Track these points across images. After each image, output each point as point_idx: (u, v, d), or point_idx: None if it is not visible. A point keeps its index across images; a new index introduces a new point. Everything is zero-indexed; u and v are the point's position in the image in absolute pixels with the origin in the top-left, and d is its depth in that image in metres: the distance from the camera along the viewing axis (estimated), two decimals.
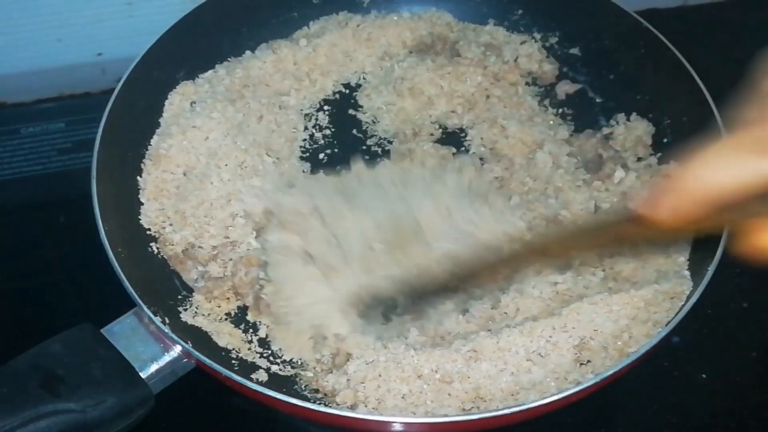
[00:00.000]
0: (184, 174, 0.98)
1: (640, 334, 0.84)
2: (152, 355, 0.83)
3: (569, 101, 1.11)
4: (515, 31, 1.16)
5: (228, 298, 0.91)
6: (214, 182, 0.96)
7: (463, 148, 1.05)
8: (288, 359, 0.87)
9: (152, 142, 1.01)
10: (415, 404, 0.81)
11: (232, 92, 1.06)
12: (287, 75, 1.10)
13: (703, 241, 0.89)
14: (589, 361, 0.83)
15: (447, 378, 0.82)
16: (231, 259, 0.92)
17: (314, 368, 0.86)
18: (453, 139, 1.07)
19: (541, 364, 0.83)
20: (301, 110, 1.09)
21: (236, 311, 0.91)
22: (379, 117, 1.08)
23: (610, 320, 0.85)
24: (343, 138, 1.07)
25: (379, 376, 0.82)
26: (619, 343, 0.84)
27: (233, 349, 0.88)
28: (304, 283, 0.88)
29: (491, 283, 0.87)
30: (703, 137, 0.95)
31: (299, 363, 0.87)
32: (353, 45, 1.13)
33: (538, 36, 1.16)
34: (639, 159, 1.02)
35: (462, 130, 1.07)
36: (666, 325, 0.83)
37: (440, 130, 1.07)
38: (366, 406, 0.81)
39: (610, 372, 0.79)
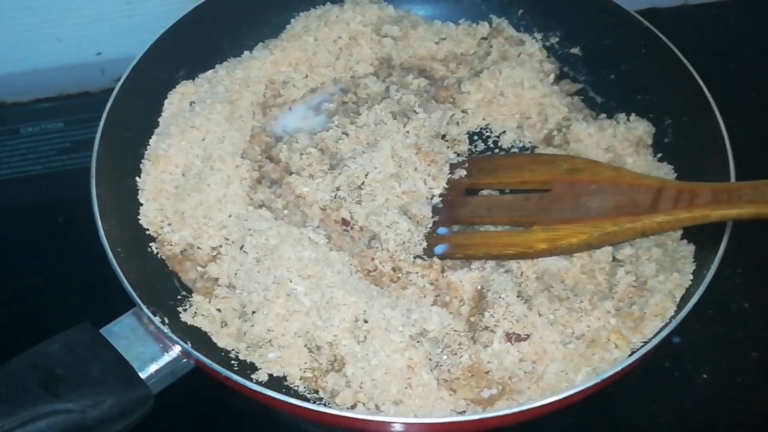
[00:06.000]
0: (183, 174, 0.98)
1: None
2: (152, 355, 0.83)
3: None
4: (516, 31, 1.16)
5: (227, 298, 0.91)
6: (212, 183, 0.95)
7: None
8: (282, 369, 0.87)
9: (151, 142, 1.01)
10: (415, 404, 0.81)
11: (232, 92, 1.05)
12: (287, 74, 1.10)
13: (704, 241, 0.90)
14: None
15: (448, 376, 0.83)
16: (233, 258, 0.92)
17: (313, 370, 0.86)
18: None
19: (542, 363, 0.84)
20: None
21: (236, 311, 0.91)
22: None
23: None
24: None
25: (378, 377, 0.82)
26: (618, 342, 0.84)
27: (232, 349, 0.88)
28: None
29: None
30: (703, 136, 0.97)
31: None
32: (354, 43, 1.13)
33: (538, 36, 1.16)
34: None
35: None
36: (666, 324, 0.84)
37: None
38: (365, 407, 0.81)
39: (610, 372, 0.79)
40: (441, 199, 0.97)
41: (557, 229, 0.86)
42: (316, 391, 0.85)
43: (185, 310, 0.90)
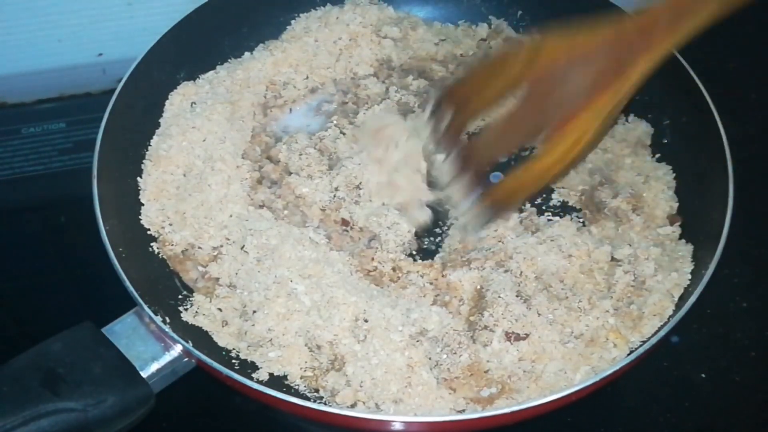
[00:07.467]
0: (184, 175, 0.99)
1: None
2: (153, 354, 0.83)
3: None
4: (515, 32, 1.16)
5: (228, 298, 0.91)
6: (213, 183, 0.96)
7: None
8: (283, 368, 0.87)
9: (152, 142, 1.02)
10: (415, 403, 0.81)
11: (233, 93, 1.06)
12: (287, 75, 1.10)
13: (702, 241, 0.90)
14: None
15: (448, 375, 0.83)
16: (234, 257, 0.93)
17: (314, 369, 0.86)
18: None
19: (541, 362, 0.84)
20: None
21: (237, 311, 0.91)
22: None
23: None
24: None
25: (378, 376, 0.82)
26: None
27: (233, 348, 0.88)
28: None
29: None
30: (702, 137, 0.97)
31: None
32: (354, 45, 1.13)
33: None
34: None
35: None
36: (665, 324, 0.84)
37: None
38: (365, 405, 0.82)
39: (609, 371, 0.79)
40: (452, 157, 0.90)
41: (563, 133, 0.84)
42: (317, 390, 0.85)
43: (186, 309, 0.90)
